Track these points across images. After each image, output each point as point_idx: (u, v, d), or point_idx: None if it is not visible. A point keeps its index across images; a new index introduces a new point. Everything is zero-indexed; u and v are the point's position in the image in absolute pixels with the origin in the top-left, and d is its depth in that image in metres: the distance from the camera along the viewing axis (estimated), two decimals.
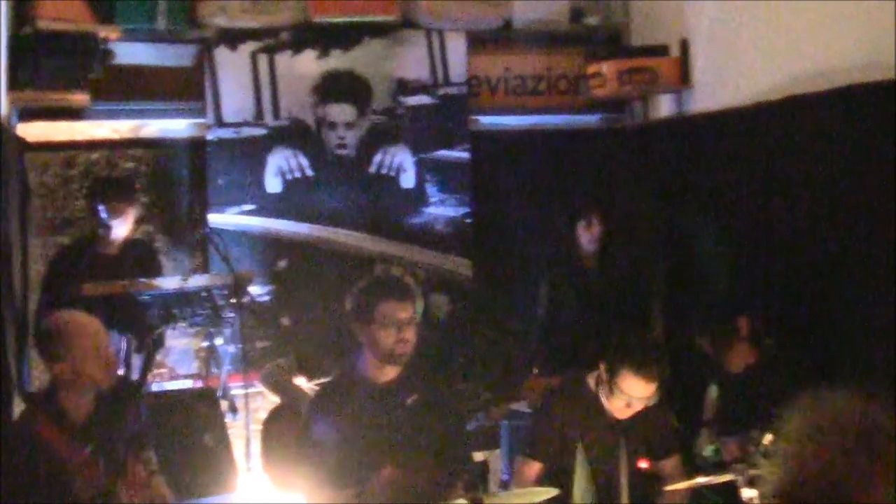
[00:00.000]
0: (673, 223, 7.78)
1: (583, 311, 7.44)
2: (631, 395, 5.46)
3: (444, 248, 8.08)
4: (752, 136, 6.88)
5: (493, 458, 7.17)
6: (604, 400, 5.58)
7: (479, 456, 6.97)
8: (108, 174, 7.58)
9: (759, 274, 6.78)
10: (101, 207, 6.84)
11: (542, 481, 5.62)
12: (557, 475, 5.67)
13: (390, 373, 5.31)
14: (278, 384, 6.60)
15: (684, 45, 7.66)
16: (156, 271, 7.06)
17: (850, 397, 3.31)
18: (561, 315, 7.53)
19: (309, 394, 6.23)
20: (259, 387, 6.90)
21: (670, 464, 5.89)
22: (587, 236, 7.40)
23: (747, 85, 6.96)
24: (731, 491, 5.20)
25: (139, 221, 7.30)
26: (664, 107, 8.06)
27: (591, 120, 8.57)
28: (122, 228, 6.91)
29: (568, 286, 7.58)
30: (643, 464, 5.81)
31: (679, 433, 6.18)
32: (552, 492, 5.02)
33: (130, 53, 7.44)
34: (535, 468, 5.76)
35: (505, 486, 6.65)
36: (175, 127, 7.82)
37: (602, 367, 5.54)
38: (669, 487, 5.46)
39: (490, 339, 7.96)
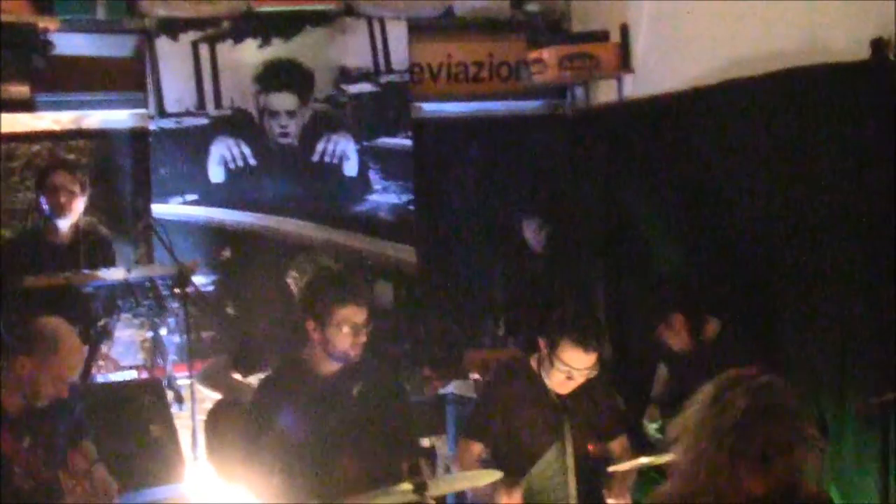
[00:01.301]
0: (616, 207, 7.83)
1: (529, 294, 7.51)
2: (571, 365, 5.50)
3: (387, 235, 8.10)
4: (692, 119, 6.95)
5: (440, 444, 7.22)
6: (545, 378, 5.62)
7: (425, 441, 7.02)
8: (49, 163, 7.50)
9: (703, 255, 6.86)
10: (42, 199, 6.81)
11: (484, 462, 5.67)
12: (499, 457, 5.72)
13: (335, 365, 5.34)
14: (216, 382, 6.57)
15: (624, 31, 7.72)
16: (110, 260, 7.03)
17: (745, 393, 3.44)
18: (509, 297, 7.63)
19: (250, 387, 6.22)
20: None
21: (618, 444, 5.94)
22: (534, 237, 7.49)
23: (687, 69, 7.02)
24: None
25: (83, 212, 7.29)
26: (605, 92, 8.12)
27: (533, 106, 8.60)
28: (69, 216, 6.85)
29: (516, 271, 7.66)
30: (591, 447, 5.86)
31: (626, 414, 6.24)
32: (496, 474, 5.05)
33: (70, 44, 7.41)
34: (476, 449, 5.79)
35: (451, 470, 6.69)
36: (117, 118, 7.79)
37: (542, 342, 5.59)
38: (612, 468, 5.51)
39: (435, 324, 8.00)
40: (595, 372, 5.58)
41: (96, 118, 7.74)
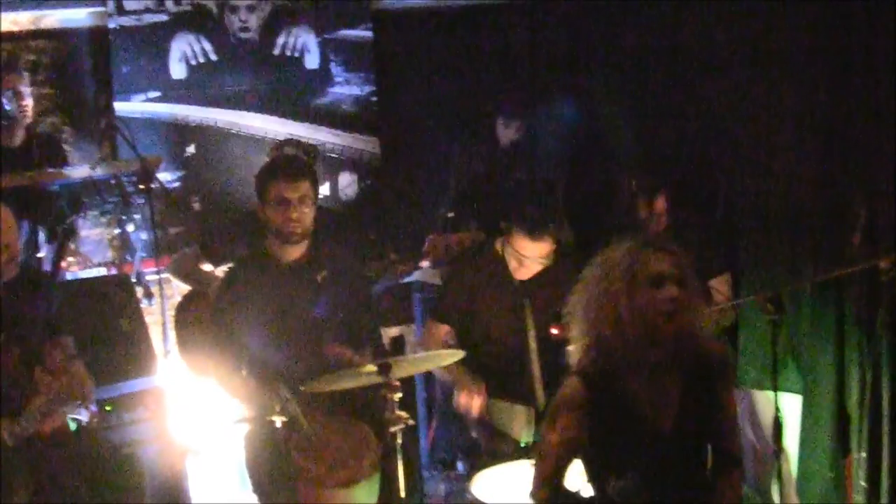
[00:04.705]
0: (578, 96, 7.87)
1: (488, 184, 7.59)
2: (522, 253, 5.60)
3: (350, 127, 8.12)
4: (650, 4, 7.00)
5: (408, 332, 7.30)
6: (508, 262, 5.73)
7: (394, 331, 7.10)
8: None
9: (658, 138, 6.94)
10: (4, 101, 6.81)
11: (450, 345, 5.76)
12: (464, 338, 5.82)
13: (295, 251, 5.39)
14: (185, 272, 6.61)
15: None
16: (62, 159, 7.05)
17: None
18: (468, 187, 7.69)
19: (218, 277, 6.27)
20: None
21: None
22: (507, 134, 7.53)
23: None
24: None
25: (44, 113, 7.31)
26: None
27: None
28: (24, 117, 6.86)
29: (480, 160, 7.71)
30: (554, 330, 5.94)
31: None
32: (458, 354, 5.14)
33: None
34: (442, 330, 5.88)
35: None
36: (75, 16, 7.73)
37: (502, 226, 5.69)
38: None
39: (399, 213, 8.06)
40: (549, 261, 5.67)
41: (55, 17, 7.69)
